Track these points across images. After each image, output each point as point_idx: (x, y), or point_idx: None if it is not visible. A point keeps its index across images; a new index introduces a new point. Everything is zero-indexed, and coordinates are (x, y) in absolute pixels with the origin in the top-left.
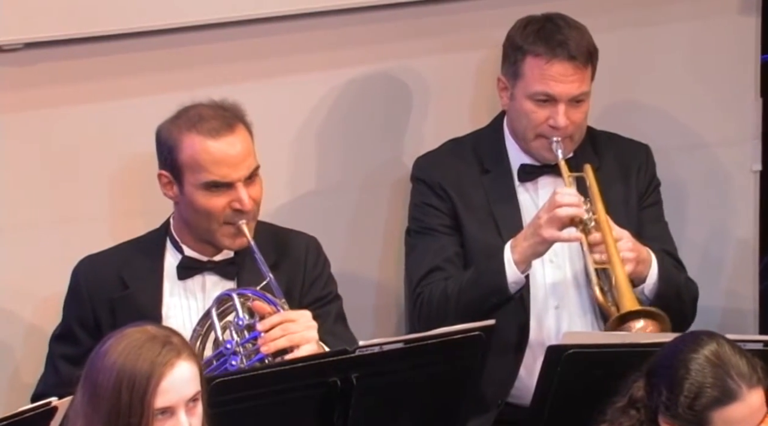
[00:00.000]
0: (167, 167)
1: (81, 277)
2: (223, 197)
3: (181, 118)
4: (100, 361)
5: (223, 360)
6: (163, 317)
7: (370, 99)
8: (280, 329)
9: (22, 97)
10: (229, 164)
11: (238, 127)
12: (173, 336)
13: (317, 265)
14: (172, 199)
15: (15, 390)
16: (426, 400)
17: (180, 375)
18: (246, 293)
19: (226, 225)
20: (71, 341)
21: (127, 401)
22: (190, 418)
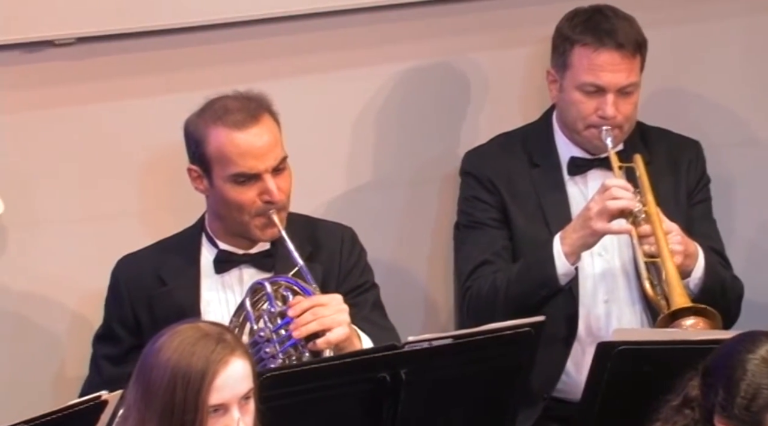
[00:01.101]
0: (196, 161)
1: (120, 276)
2: (252, 189)
3: (206, 111)
4: (154, 357)
5: (258, 348)
6: (202, 312)
7: (422, 94)
8: (310, 313)
9: (71, 92)
10: (255, 156)
11: (264, 117)
12: (226, 333)
13: (353, 255)
14: (203, 193)
15: (60, 384)
16: (475, 395)
17: (234, 372)
18: (278, 281)
19: (257, 217)
20: (113, 341)
21: (181, 398)
22: (242, 415)
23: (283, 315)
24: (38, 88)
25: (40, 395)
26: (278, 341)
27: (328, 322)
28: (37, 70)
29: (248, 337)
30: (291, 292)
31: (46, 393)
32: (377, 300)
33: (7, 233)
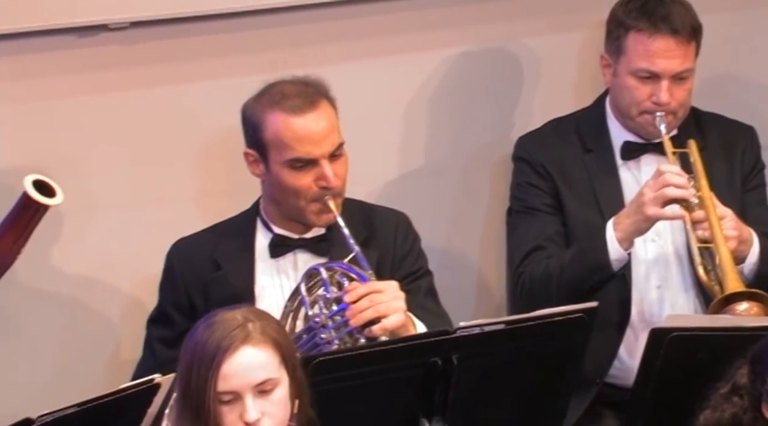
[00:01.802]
0: (253, 145)
1: (174, 260)
2: (309, 174)
3: (264, 95)
4: (187, 340)
5: (313, 334)
6: (256, 297)
7: (475, 79)
8: (367, 300)
9: (125, 76)
10: (312, 141)
11: (321, 103)
12: (252, 322)
13: (407, 241)
14: (259, 178)
15: (114, 367)
16: (527, 380)
17: (243, 360)
18: (334, 267)
19: (313, 202)
20: (167, 324)
21: (195, 383)
22: (263, 404)
23: (339, 301)
24: (92, 72)
25: (95, 379)
26: (334, 327)
27: (384, 308)
28: (91, 53)
29: (303, 323)
30: (347, 278)
31: (101, 376)
32: (431, 286)
33: (63, 218)
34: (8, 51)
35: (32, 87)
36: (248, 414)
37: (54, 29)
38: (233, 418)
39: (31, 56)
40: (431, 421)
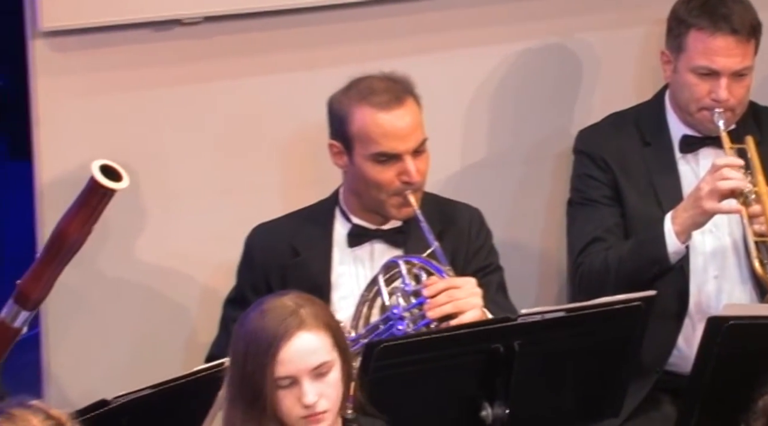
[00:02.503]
0: (338, 138)
1: (254, 244)
2: (392, 169)
3: (352, 89)
4: (238, 328)
5: (390, 325)
6: (332, 284)
7: (538, 74)
8: (445, 295)
9: (200, 69)
10: (398, 137)
11: (408, 100)
12: (304, 307)
13: (480, 236)
14: (342, 169)
15: (190, 350)
16: (586, 366)
17: (300, 345)
18: (412, 260)
19: (394, 196)
20: (243, 306)
21: (251, 370)
22: (319, 386)
23: (417, 294)
24: (169, 66)
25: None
26: (411, 319)
27: (462, 304)
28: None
29: (379, 312)
30: (425, 272)
31: (177, 360)
32: (501, 281)
33: (146, 208)
34: (86, 45)
35: (110, 80)
36: (306, 397)
37: (130, 24)
38: (291, 401)
39: (108, 50)
40: (493, 406)
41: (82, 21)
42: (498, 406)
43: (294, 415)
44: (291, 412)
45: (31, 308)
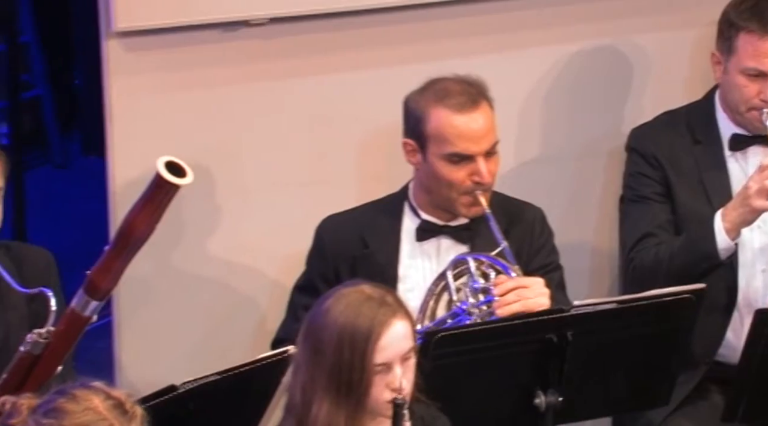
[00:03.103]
0: (413, 136)
1: (325, 235)
2: (464, 169)
3: (429, 90)
4: (322, 318)
5: (458, 320)
6: (400, 277)
7: (591, 73)
8: (515, 294)
9: (267, 69)
10: (471, 138)
11: (482, 103)
12: (388, 295)
13: (543, 235)
14: (415, 166)
15: (259, 339)
16: (637, 357)
17: (396, 332)
18: (481, 258)
19: (464, 195)
20: (312, 293)
21: (348, 358)
22: (404, 372)
23: (485, 291)
24: (236, 65)
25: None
26: (479, 316)
27: (531, 304)
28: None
29: (445, 307)
30: (493, 270)
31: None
32: (561, 280)
33: (218, 203)
34: (158, 45)
35: (181, 79)
36: (398, 381)
37: (199, 25)
38: (380, 387)
39: (178, 50)
40: (546, 394)
41: (154, 22)
42: (551, 394)
43: (382, 400)
44: (380, 396)
45: (101, 298)
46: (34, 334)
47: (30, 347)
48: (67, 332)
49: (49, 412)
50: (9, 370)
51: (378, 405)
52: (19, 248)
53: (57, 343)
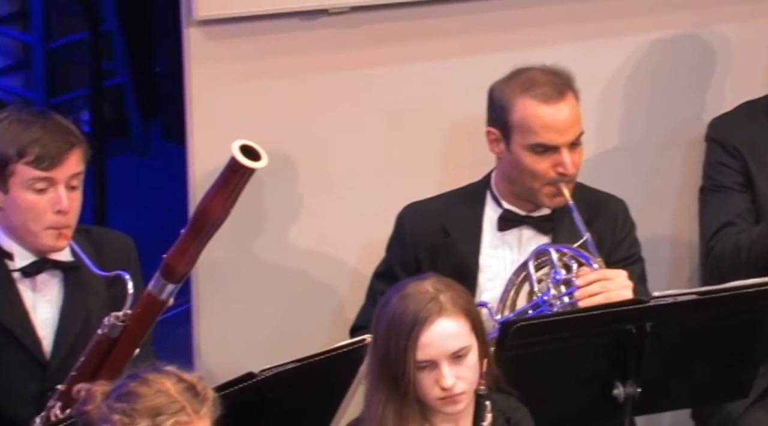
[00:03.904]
0: (497, 125)
1: (406, 222)
2: (548, 160)
3: (514, 80)
4: (381, 308)
5: (539, 311)
6: (480, 266)
7: (672, 62)
8: (598, 286)
9: (346, 57)
10: (557, 129)
11: (568, 94)
12: (444, 293)
13: (625, 227)
14: (498, 156)
15: (337, 328)
16: (717, 348)
17: (440, 331)
18: (563, 249)
19: (547, 185)
20: (391, 280)
21: (394, 352)
22: (457, 369)
23: (567, 283)
24: (315, 54)
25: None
26: (560, 307)
27: (614, 296)
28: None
29: (526, 297)
30: (575, 261)
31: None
32: (642, 272)
33: (299, 190)
34: (238, 33)
35: (261, 67)
36: (445, 380)
37: (279, 13)
38: (430, 382)
39: (258, 38)
40: (625, 385)
41: (235, 10)
42: (630, 385)
43: (432, 396)
44: (430, 393)
45: (177, 281)
46: (112, 317)
47: (107, 330)
48: (143, 315)
49: (122, 396)
50: (86, 352)
51: (429, 400)
52: (99, 233)
53: (134, 327)
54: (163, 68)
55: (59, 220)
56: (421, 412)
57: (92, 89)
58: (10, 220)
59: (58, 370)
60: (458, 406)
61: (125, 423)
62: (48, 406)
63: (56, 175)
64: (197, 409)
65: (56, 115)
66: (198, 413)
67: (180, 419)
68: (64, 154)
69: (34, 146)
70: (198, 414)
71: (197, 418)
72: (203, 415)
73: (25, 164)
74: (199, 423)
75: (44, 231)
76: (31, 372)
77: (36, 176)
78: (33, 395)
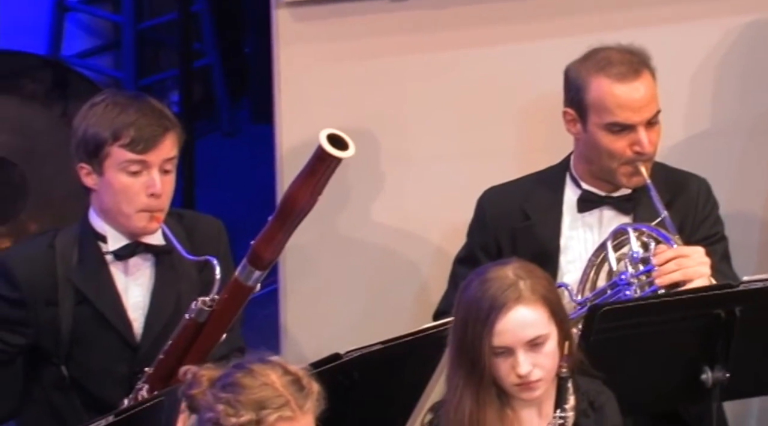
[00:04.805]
0: (573, 106)
1: (486, 206)
2: (625, 139)
3: (590, 59)
4: (461, 293)
5: (617, 290)
6: (561, 248)
7: (765, 46)
8: (674, 263)
9: (434, 39)
10: (632, 108)
11: (644, 72)
12: (524, 279)
13: (707, 206)
14: (575, 136)
15: (420, 307)
16: None
17: (516, 318)
18: (641, 228)
19: (624, 165)
20: (473, 265)
21: (470, 337)
22: (534, 357)
23: (646, 261)
24: (403, 35)
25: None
26: (639, 286)
27: (691, 272)
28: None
29: (606, 277)
30: (653, 240)
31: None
32: (726, 251)
33: (382, 171)
34: (326, 15)
35: (348, 48)
36: (520, 368)
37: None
38: (506, 368)
39: (346, 20)
40: (713, 369)
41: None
42: (718, 370)
43: (508, 382)
44: (506, 379)
45: (263, 268)
46: (199, 302)
47: (195, 314)
48: (230, 301)
49: (227, 386)
50: (174, 336)
51: (506, 386)
52: (191, 217)
53: (221, 312)
54: (252, 49)
55: (152, 203)
56: (499, 397)
57: (181, 70)
58: (103, 202)
59: (148, 353)
60: (534, 393)
61: (229, 414)
62: (136, 388)
63: (150, 158)
64: (302, 404)
65: (152, 98)
66: (302, 408)
67: (284, 414)
68: (158, 138)
69: (130, 129)
70: (302, 409)
71: (301, 413)
72: (307, 411)
73: (120, 147)
74: (302, 418)
75: (137, 213)
76: (122, 354)
77: (130, 159)
78: (123, 377)
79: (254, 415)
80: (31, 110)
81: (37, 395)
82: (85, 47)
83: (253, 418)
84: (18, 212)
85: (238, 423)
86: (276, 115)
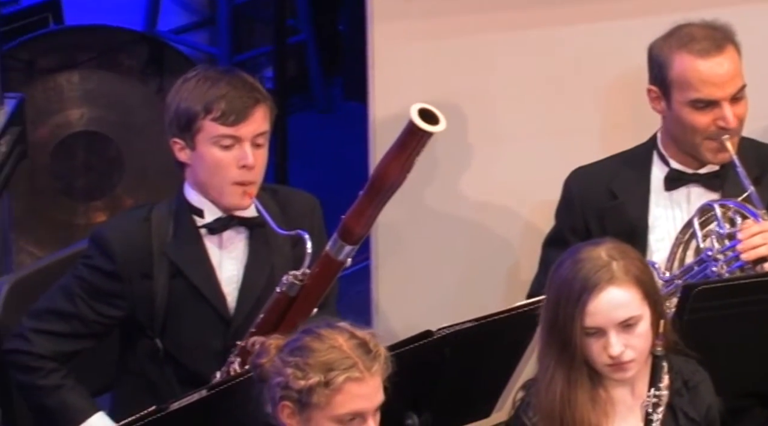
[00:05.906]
0: (657, 83)
1: (573, 187)
2: (709, 115)
3: (673, 36)
4: (554, 272)
5: (704, 266)
6: (649, 227)
7: None
8: (761, 238)
9: (525, 17)
10: (716, 83)
11: (728, 47)
12: (617, 260)
13: None
14: (661, 114)
15: (511, 284)
16: None
17: (608, 299)
18: (727, 204)
19: (709, 140)
20: (562, 246)
21: (562, 317)
22: (626, 338)
23: (732, 237)
24: (497, 12)
25: (493, 297)
26: (725, 261)
27: None
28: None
29: (694, 255)
30: (739, 215)
31: (499, 295)
32: None
33: (473, 147)
34: None
35: (442, 25)
36: (612, 348)
37: None
38: (598, 348)
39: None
40: None
41: None
42: None
43: (600, 363)
44: (598, 359)
45: (354, 243)
46: (290, 276)
47: (286, 288)
48: (321, 275)
49: (295, 350)
50: (265, 310)
51: (598, 366)
52: (286, 192)
53: (312, 286)
54: (346, 26)
55: (244, 176)
56: (590, 377)
57: (276, 46)
58: (197, 175)
59: (241, 326)
60: (627, 374)
61: (298, 377)
62: (228, 361)
63: (242, 131)
64: (369, 366)
65: (243, 72)
66: (369, 370)
67: (352, 375)
68: (249, 110)
69: (221, 102)
70: (369, 371)
71: (369, 375)
72: (375, 372)
73: (212, 120)
74: (370, 379)
75: (230, 187)
76: (216, 328)
77: (222, 133)
78: (216, 350)
79: (322, 377)
80: (128, 86)
81: (132, 368)
82: (181, 23)
83: (322, 379)
84: (114, 186)
85: (307, 385)
86: (369, 92)
